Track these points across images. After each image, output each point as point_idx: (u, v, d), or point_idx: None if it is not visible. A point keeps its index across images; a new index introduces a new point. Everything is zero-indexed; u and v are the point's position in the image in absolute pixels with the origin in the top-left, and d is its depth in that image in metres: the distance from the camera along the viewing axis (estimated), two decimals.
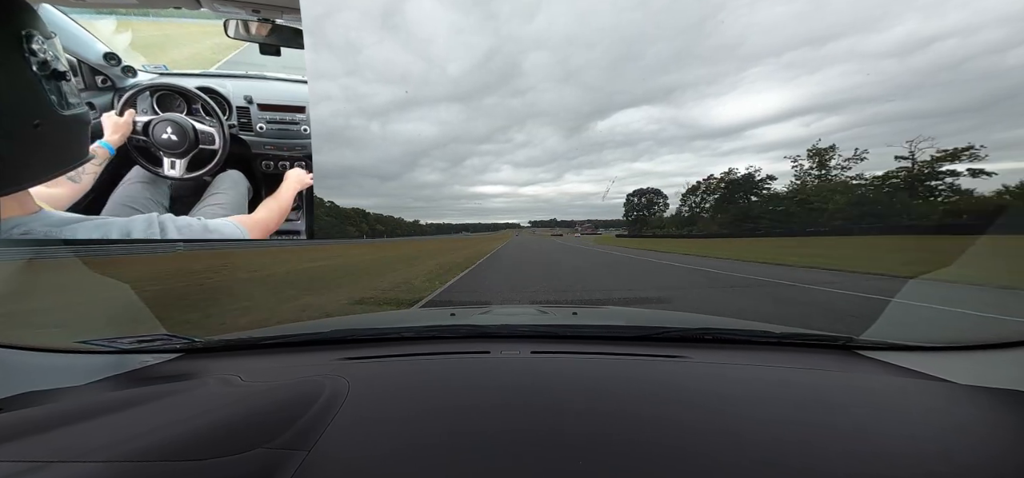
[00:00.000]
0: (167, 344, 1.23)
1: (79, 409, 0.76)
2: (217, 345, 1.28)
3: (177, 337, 1.26)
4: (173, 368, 1.14)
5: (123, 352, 1.16)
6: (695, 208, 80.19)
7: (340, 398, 0.79)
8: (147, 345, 1.21)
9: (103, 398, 0.87)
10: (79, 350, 1.15)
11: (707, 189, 77.63)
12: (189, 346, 1.23)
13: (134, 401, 0.80)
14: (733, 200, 68.88)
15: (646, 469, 0.57)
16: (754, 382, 0.88)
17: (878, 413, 0.73)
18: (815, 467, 0.57)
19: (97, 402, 0.82)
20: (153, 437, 0.65)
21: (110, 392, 0.94)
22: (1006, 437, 0.65)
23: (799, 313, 5.59)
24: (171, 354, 1.21)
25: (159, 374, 1.09)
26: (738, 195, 68.94)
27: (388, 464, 0.61)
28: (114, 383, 1.02)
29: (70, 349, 1.14)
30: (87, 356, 1.14)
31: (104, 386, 1.00)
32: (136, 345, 1.20)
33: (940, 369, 0.92)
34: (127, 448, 0.62)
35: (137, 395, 0.84)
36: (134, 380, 1.05)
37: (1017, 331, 0.95)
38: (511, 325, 1.35)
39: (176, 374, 1.08)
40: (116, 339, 1.19)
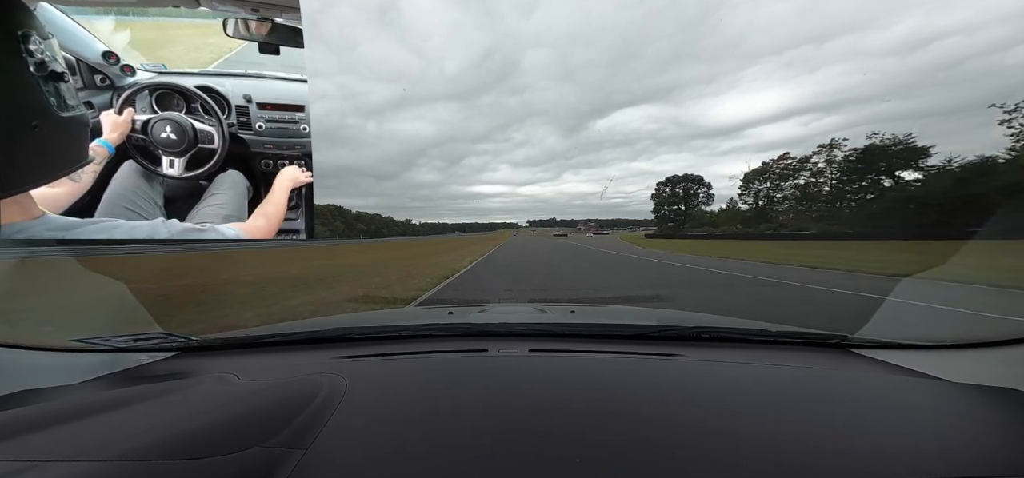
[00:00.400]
0: (163, 342, 1.22)
1: (73, 408, 0.75)
2: (213, 343, 1.28)
3: (173, 335, 1.26)
4: (169, 367, 1.13)
5: (118, 350, 1.16)
6: (762, 198, 60.22)
7: (338, 396, 0.78)
8: (142, 344, 1.20)
9: (98, 397, 0.86)
10: (73, 349, 1.14)
11: (784, 172, 56.37)
12: (185, 345, 1.23)
13: (129, 400, 0.79)
14: (869, 178, 43.61)
15: (644, 467, 0.58)
16: (750, 380, 0.89)
17: (873, 411, 0.74)
18: (810, 465, 0.57)
19: (92, 401, 0.81)
20: (149, 436, 0.64)
21: (105, 391, 0.93)
22: (999, 435, 0.66)
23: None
24: (167, 353, 1.20)
25: (155, 373, 1.08)
26: (875, 171, 43.07)
27: (386, 463, 0.61)
28: (109, 382, 1.01)
29: (64, 348, 1.13)
30: (82, 355, 1.13)
31: (99, 385, 0.99)
32: (131, 344, 1.19)
33: (934, 367, 0.93)
34: (122, 447, 0.61)
35: (132, 394, 0.84)
36: (129, 379, 1.04)
37: (1010, 330, 0.96)
38: (509, 323, 1.35)
39: (172, 373, 1.07)
40: (111, 337, 1.18)
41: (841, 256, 15.52)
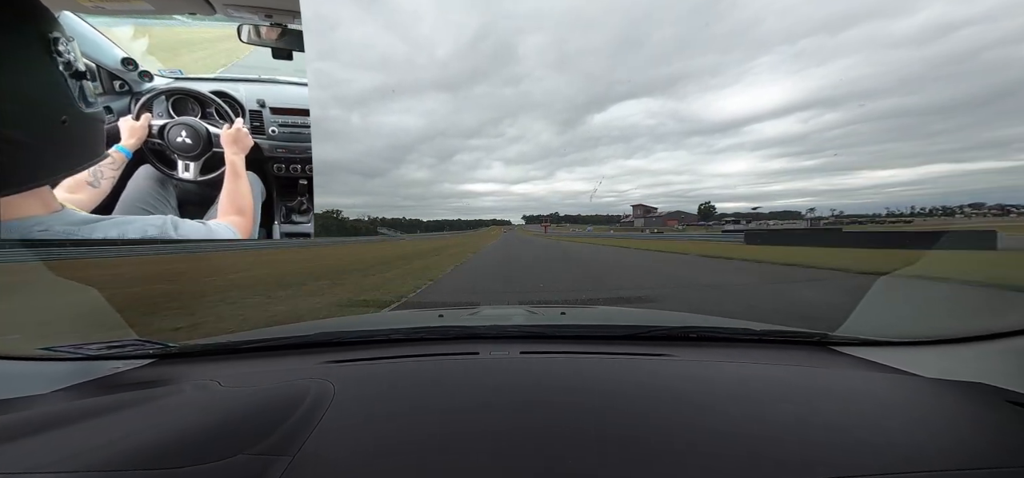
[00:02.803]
0: (139, 349, 1.17)
1: (41, 418, 0.71)
2: (193, 350, 1.23)
3: (150, 342, 1.21)
4: (145, 374, 1.08)
5: (90, 358, 1.09)
6: None
7: (325, 402, 0.76)
8: (117, 351, 1.14)
9: (69, 406, 0.81)
10: (41, 357, 1.08)
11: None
12: (163, 351, 1.18)
13: (102, 409, 0.75)
14: None
15: (635, 465, 0.59)
16: (736, 379, 0.91)
17: (850, 406, 0.77)
18: (788, 459, 0.59)
19: (61, 411, 0.77)
20: (123, 445, 0.61)
21: (76, 400, 0.87)
22: (965, 427, 0.69)
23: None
24: (143, 360, 1.14)
25: (130, 381, 1.03)
26: None
27: (377, 468, 0.59)
28: (80, 391, 0.95)
29: (31, 356, 1.07)
30: (51, 363, 1.07)
31: (70, 394, 0.93)
32: (105, 351, 1.13)
33: (908, 363, 0.96)
34: (93, 457, 0.58)
35: (106, 403, 0.80)
36: (103, 387, 0.98)
37: (978, 326, 0.99)
38: (500, 326, 1.34)
39: (149, 380, 1.02)
40: (82, 345, 1.12)
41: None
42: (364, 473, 0.59)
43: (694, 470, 0.57)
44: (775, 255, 14.75)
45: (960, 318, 5.02)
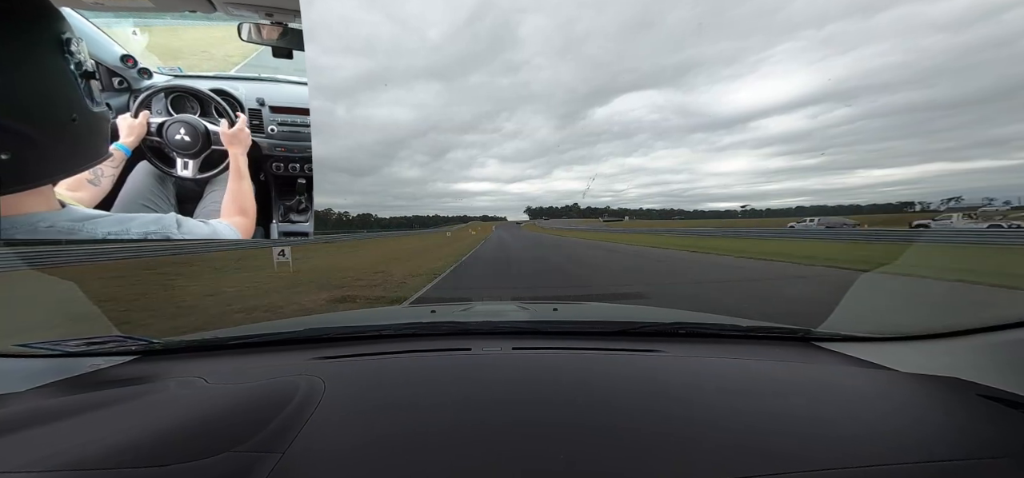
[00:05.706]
0: (121, 346, 1.14)
1: (17, 416, 0.69)
2: (178, 346, 1.20)
3: (132, 338, 1.18)
4: (128, 371, 1.05)
5: (70, 355, 1.07)
6: None
7: (316, 398, 0.75)
8: (98, 347, 1.11)
9: (46, 404, 0.79)
10: (18, 354, 1.05)
11: None
12: (146, 348, 1.15)
13: (82, 407, 0.73)
14: None
15: (625, 459, 0.60)
16: (723, 374, 0.93)
17: (831, 401, 0.79)
18: (772, 451, 0.61)
19: (39, 408, 0.75)
20: (104, 443, 0.59)
21: (55, 398, 0.85)
22: (938, 420, 0.72)
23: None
24: (126, 357, 1.12)
25: (112, 378, 1.01)
26: None
27: (368, 464, 0.59)
28: (59, 388, 0.92)
29: (7, 353, 1.05)
30: (28, 360, 1.05)
31: (48, 391, 0.90)
32: (85, 347, 1.10)
33: (888, 358, 0.99)
34: (72, 456, 0.56)
35: (86, 401, 0.78)
36: (83, 385, 0.96)
37: (954, 322, 1.02)
38: (492, 321, 1.34)
39: (131, 378, 1.00)
40: (62, 341, 1.09)
41: None
42: (356, 469, 0.58)
43: (682, 463, 0.59)
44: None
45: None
